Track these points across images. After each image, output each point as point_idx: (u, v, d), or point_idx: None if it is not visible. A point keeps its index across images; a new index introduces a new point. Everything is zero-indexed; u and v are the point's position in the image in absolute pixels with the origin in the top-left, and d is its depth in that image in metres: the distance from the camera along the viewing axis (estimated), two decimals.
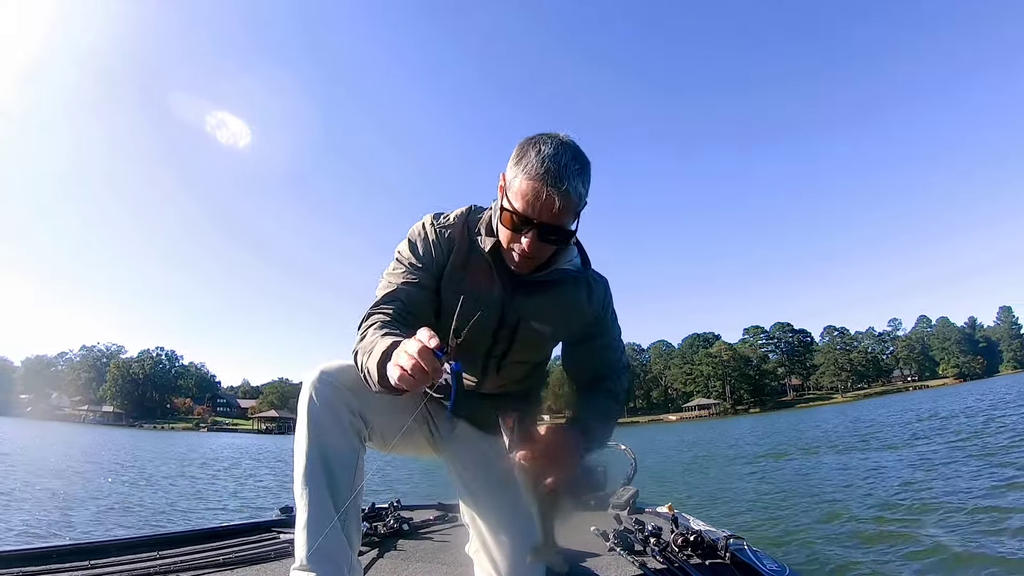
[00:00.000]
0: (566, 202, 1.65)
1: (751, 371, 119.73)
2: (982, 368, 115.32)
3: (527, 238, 1.70)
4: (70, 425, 74.86)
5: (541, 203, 1.64)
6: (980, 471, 7.86)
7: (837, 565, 4.39)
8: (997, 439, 11.27)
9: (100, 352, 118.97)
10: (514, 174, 1.70)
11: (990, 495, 6.16)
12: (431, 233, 1.92)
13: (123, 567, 2.38)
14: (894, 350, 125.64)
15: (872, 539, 5.06)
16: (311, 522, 1.71)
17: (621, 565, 2.50)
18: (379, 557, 2.72)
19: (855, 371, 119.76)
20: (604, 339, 2.06)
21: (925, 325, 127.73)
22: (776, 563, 2.36)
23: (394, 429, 2.00)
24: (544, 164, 1.63)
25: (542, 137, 1.71)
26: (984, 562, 4.00)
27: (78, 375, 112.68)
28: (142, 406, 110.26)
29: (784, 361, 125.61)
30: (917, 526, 5.27)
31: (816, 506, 7.13)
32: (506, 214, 1.72)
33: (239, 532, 3.04)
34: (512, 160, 1.73)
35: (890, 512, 6.07)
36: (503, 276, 1.88)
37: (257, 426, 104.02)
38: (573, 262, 1.95)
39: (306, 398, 1.80)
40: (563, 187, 1.63)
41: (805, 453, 14.99)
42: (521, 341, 1.95)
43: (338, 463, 1.76)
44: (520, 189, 1.67)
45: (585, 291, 1.98)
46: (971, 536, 4.69)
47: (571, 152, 1.69)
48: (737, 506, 8.12)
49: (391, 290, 1.87)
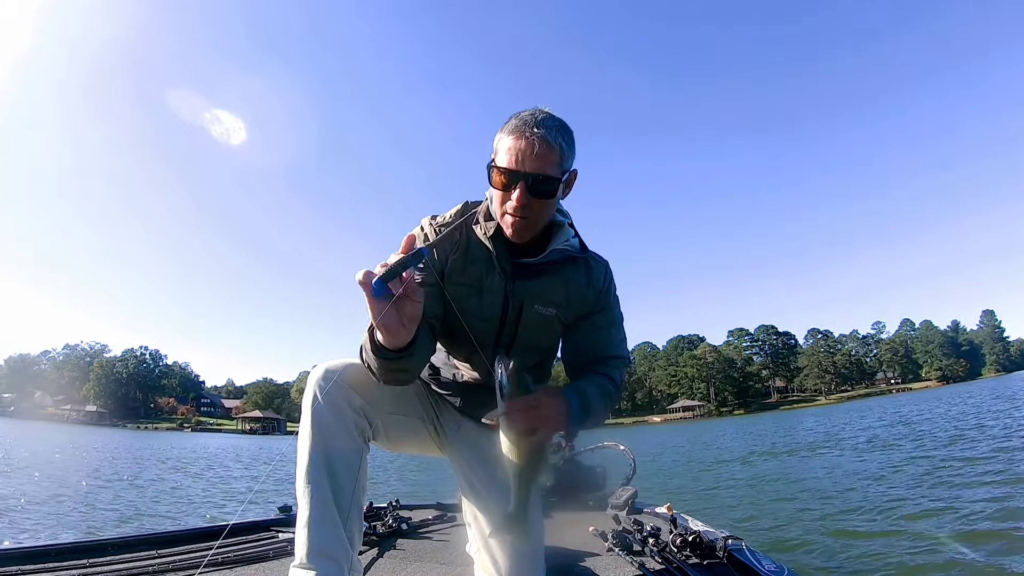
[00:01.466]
0: (547, 149, 1.71)
1: (735, 373, 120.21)
2: (965, 371, 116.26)
3: (517, 191, 1.73)
4: (53, 424, 74.11)
5: (523, 152, 1.71)
6: (979, 472, 7.92)
7: (836, 565, 4.42)
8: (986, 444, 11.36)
9: (84, 351, 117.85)
10: (499, 139, 1.79)
11: (989, 499, 6.19)
12: (431, 234, 1.95)
13: (121, 565, 2.37)
14: (877, 353, 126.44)
15: (871, 539, 5.09)
16: (312, 520, 1.71)
17: (620, 565, 2.50)
18: (379, 556, 2.72)
19: (839, 373, 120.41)
20: (606, 318, 2.08)
21: (908, 328, 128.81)
22: (775, 564, 2.37)
23: (399, 427, 2.03)
24: (523, 119, 1.74)
25: (525, 109, 1.81)
26: (983, 561, 4.03)
27: (61, 374, 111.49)
28: (126, 406, 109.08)
29: (768, 363, 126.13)
30: (915, 526, 5.31)
31: (816, 506, 7.17)
32: (495, 173, 1.77)
33: (238, 531, 3.03)
34: (500, 132, 1.82)
35: (890, 512, 6.11)
36: (505, 262, 1.92)
37: (241, 426, 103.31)
38: (571, 243, 1.97)
39: (310, 396, 1.80)
40: (542, 133, 1.71)
41: (790, 454, 15.06)
42: (527, 325, 1.97)
43: (341, 462, 1.77)
44: (504, 146, 1.75)
45: (584, 271, 2.02)
46: (969, 535, 4.72)
47: (551, 116, 1.78)
48: (735, 506, 8.15)
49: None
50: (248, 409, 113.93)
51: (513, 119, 1.77)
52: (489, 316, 1.95)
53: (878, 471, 9.46)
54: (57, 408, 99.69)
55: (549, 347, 2.14)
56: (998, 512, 5.35)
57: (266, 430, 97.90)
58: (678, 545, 2.53)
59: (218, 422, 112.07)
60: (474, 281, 1.93)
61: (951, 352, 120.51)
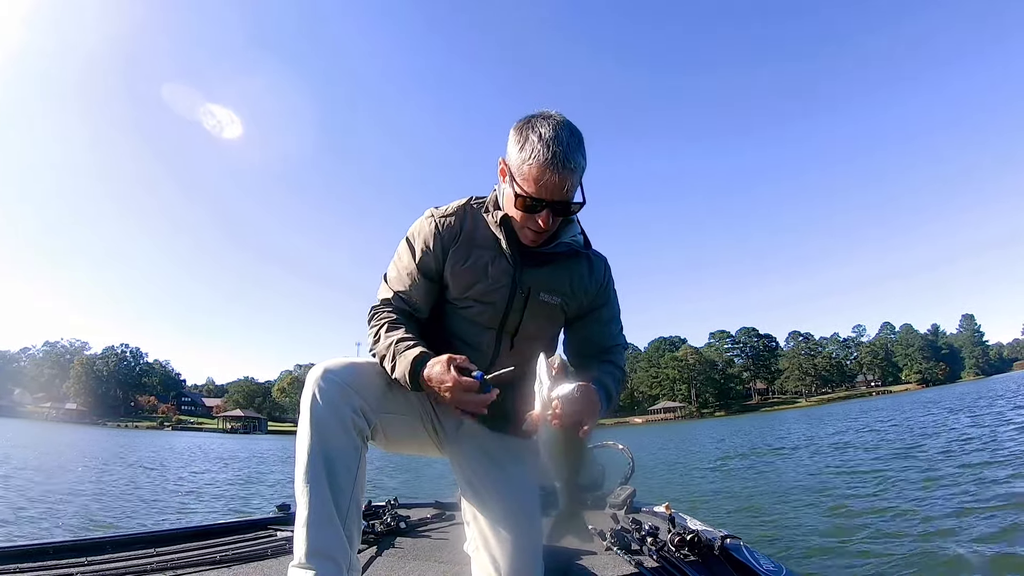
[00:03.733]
0: (573, 179, 1.81)
1: (717, 375, 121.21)
2: (944, 374, 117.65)
3: (541, 217, 1.83)
4: (32, 422, 73.18)
5: (553, 186, 1.78)
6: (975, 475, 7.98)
7: (835, 565, 4.45)
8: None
9: (64, 348, 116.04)
10: (520, 160, 1.82)
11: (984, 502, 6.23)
12: (433, 224, 2.02)
13: (120, 563, 2.35)
14: (858, 356, 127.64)
15: (870, 539, 5.12)
16: (311, 520, 1.71)
17: (618, 564, 2.51)
18: (377, 555, 2.71)
19: (819, 376, 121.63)
20: (609, 312, 2.17)
21: (888, 331, 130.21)
22: (773, 563, 2.38)
23: (398, 427, 2.04)
24: (550, 148, 1.76)
25: (537, 119, 1.84)
26: (983, 561, 4.06)
27: (41, 371, 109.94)
28: (106, 404, 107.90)
29: (749, 365, 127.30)
30: (912, 527, 5.34)
31: (815, 506, 7.21)
32: (520, 199, 1.84)
33: (236, 529, 3.02)
34: (513, 144, 1.86)
35: (888, 513, 6.15)
36: (513, 248, 1.98)
37: (222, 425, 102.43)
38: (576, 238, 2.05)
39: (309, 396, 1.80)
40: (570, 166, 1.78)
41: (787, 454, 15.14)
42: (532, 312, 2.03)
43: (340, 462, 1.77)
44: (530, 175, 1.79)
45: (587, 265, 2.10)
46: (969, 536, 4.76)
47: (567, 128, 1.82)
48: (734, 506, 8.18)
49: (398, 288, 2.05)
50: (229, 408, 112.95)
51: (534, 138, 1.79)
52: (495, 301, 2.00)
53: (876, 472, 9.50)
54: (36, 406, 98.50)
55: (551, 336, 2.19)
56: (1000, 512, 5.38)
57: (247, 429, 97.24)
58: (676, 544, 2.53)
59: (199, 421, 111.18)
60: (480, 267, 1.99)
61: (931, 355, 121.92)
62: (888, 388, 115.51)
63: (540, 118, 1.84)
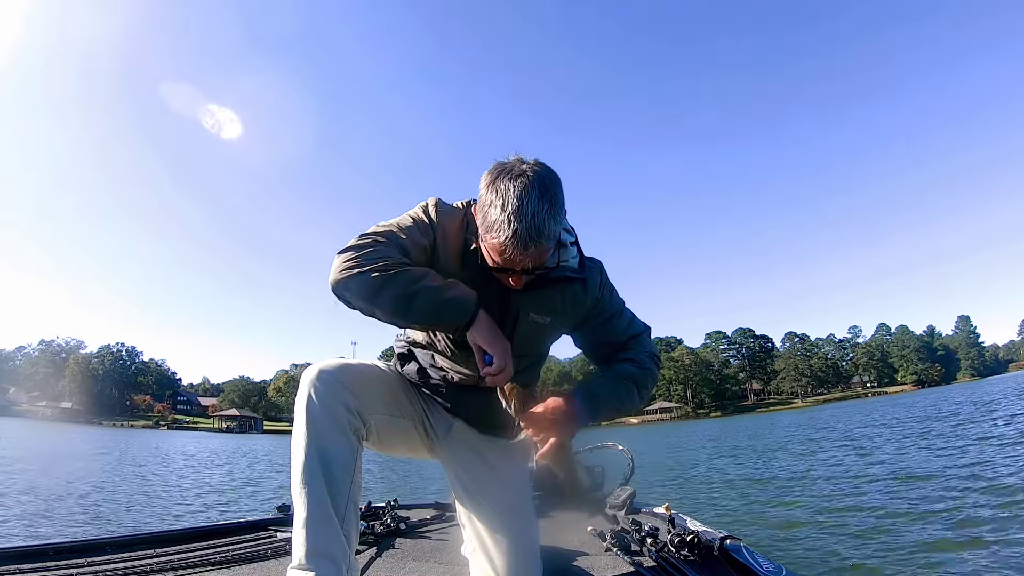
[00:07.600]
0: (541, 249, 1.65)
1: (712, 375, 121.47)
2: (940, 375, 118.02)
3: (513, 278, 1.75)
4: (27, 421, 73.01)
5: (519, 260, 1.65)
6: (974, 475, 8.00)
7: (834, 565, 4.45)
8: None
9: (59, 347, 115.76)
10: (485, 227, 1.68)
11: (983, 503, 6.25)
12: (430, 215, 1.89)
13: (120, 564, 2.34)
14: (853, 357, 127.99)
15: (869, 539, 5.13)
16: (310, 521, 1.71)
17: (617, 565, 2.50)
18: (377, 556, 2.71)
19: (815, 377, 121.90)
20: (609, 312, 2.08)
21: (885, 333, 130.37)
22: (772, 564, 2.39)
23: (390, 428, 2.03)
24: (511, 225, 1.60)
25: (504, 178, 1.65)
26: (981, 560, 4.07)
27: (36, 370, 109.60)
28: (101, 403, 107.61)
29: (745, 366, 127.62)
30: (910, 527, 5.36)
31: (814, 506, 7.23)
32: (487, 256, 1.74)
33: (236, 530, 3.01)
34: (481, 203, 1.71)
35: (889, 512, 6.16)
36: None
37: (218, 424, 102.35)
38: (570, 261, 1.94)
39: (304, 397, 1.79)
40: (536, 239, 1.61)
41: (785, 454, 15.17)
42: (522, 333, 1.95)
43: (336, 463, 1.76)
44: (494, 249, 1.68)
45: (580, 286, 1.99)
46: (970, 539, 4.77)
47: (538, 189, 1.63)
48: (733, 506, 8.19)
49: (391, 232, 1.83)
50: (224, 407, 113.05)
51: (499, 206, 1.62)
52: None
53: (874, 472, 9.53)
54: (32, 404, 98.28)
55: (540, 352, 2.16)
56: (1000, 512, 5.40)
57: (243, 428, 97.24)
58: (676, 545, 2.53)
59: (194, 420, 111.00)
60: (469, 283, 1.85)
61: (926, 357, 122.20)
62: (884, 389, 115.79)
63: (508, 176, 1.65)
